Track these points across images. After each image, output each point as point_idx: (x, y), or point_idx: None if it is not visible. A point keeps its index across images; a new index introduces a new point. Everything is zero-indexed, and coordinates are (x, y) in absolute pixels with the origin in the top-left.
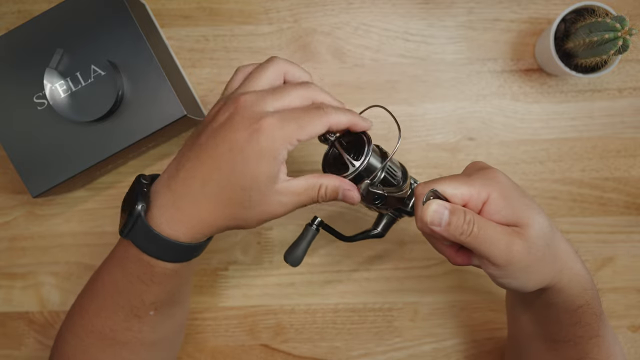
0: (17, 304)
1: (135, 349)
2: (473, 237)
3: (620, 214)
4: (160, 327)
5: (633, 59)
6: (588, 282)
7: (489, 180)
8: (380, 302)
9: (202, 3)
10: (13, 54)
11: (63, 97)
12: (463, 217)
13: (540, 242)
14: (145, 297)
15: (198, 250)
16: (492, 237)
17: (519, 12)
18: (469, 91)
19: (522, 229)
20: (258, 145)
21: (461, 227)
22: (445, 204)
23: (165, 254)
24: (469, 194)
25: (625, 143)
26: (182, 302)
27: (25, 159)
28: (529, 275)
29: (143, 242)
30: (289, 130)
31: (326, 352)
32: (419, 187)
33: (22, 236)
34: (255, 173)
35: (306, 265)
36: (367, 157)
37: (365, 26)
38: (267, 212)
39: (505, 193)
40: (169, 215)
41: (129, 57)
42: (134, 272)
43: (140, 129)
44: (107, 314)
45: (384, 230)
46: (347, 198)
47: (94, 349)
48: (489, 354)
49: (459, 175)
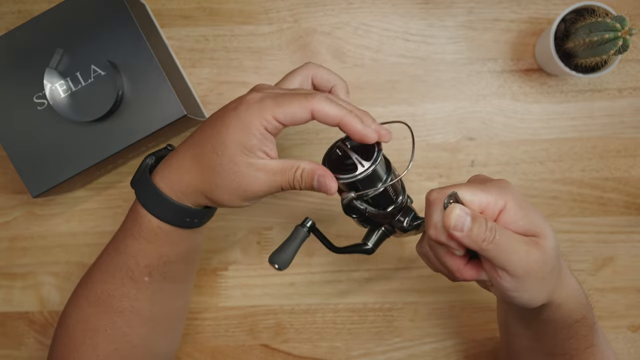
0: (17, 304)
1: (131, 320)
2: (494, 244)
3: (620, 214)
4: (157, 301)
5: (633, 59)
6: (582, 297)
7: (504, 189)
8: (380, 302)
9: (202, 3)
10: (13, 54)
11: (63, 97)
12: (485, 223)
13: (553, 254)
14: (138, 257)
15: (185, 216)
16: (513, 246)
17: (519, 12)
18: (469, 91)
19: (539, 239)
20: (236, 115)
21: (484, 234)
22: (467, 210)
23: (153, 206)
24: (487, 201)
25: (625, 143)
26: (179, 283)
27: (25, 159)
28: (540, 288)
29: (141, 192)
30: (265, 105)
31: (326, 352)
32: (433, 193)
33: (22, 236)
34: (226, 139)
35: (306, 265)
36: (375, 162)
37: (365, 26)
38: (241, 184)
39: (520, 203)
40: (164, 171)
41: (129, 57)
42: (129, 227)
43: (140, 129)
44: (106, 278)
45: (374, 246)
46: (321, 185)
47: (93, 317)
48: (489, 354)
49: (474, 182)
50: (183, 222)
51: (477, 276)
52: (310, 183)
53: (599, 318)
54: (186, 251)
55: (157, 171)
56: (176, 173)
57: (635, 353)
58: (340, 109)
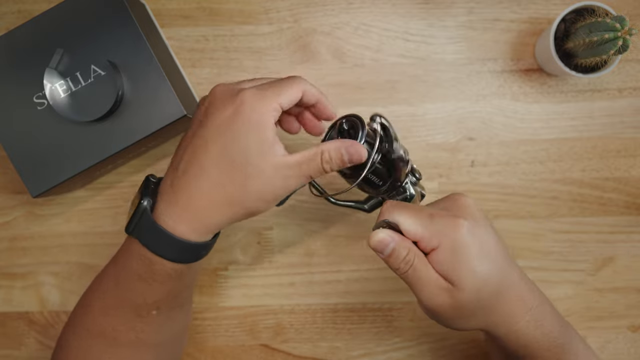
0: (17, 304)
1: (138, 351)
2: (406, 277)
3: (621, 214)
4: (164, 329)
5: (633, 59)
6: (532, 340)
7: (448, 229)
8: (380, 302)
9: (202, 3)
10: (13, 54)
11: (63, 97)
12: (404, 255)
13: (470, 304)
14: (147, 296)
15: (202, 250)
16: (422, 284)
17: (519, 12)
18: (469, 91)
19: (455, 289)
20: (243, 117)
21: (398, 264)
22: (394, 237)
23: (168, 251)
24: (421, 236)
25: (625, 143)
26: (185, 304)
27: (25, 159)
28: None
29: (148, 238)
30: (268, 96)
31: (326, 352)
32: (385, 206)
33: (22, 236)
34: (246, 145)
35: (306, 265)
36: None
37: (365, 26)
38: (270, 188)
39: (455, 248)
40: (173, 211)
41: (129, 57)
42: (136, 270)
43: (140, 129)
44: (111, 313)
45: (371, 208)
46: (352, 155)
47: (96, 350)
48: (489, 354)
49: (424, 211)
50: (200, 256)
51: None
52: (340, 159)
53: (599, 318)
54: (194, 278)
55: (163, 213)
56: (196, 211)
57: (635, 353)
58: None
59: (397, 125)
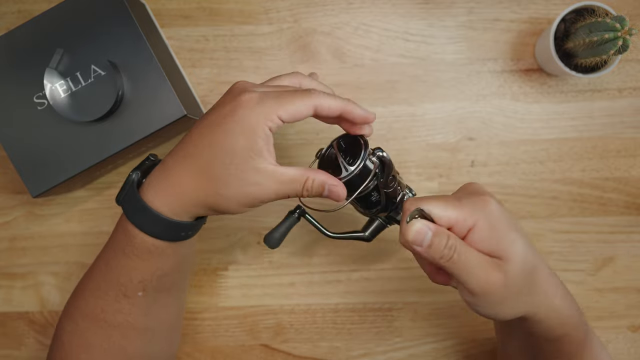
0: (17, 304)
1: (127, 333)
2: (452, 263)
3: (621, 214)
4: (152, 313)
5: (633, 59)
6: (567, 316)
7: (479, 207)
8: (380, 302)
9: (202, 3)
10: (13, 54)
11: (63, 97)
12: (445, 241)
13: (519, 277)
14: (132, 274)
15: (180, 230)
16: (471, 266)
17: (519, 12)
18: (469, 91)
19: (503, 262)
20: (236, 118)
21: (441, 251)
22: (430, 225)
23: (145, 224)
24: (456, 218)
25: (625, 143)
26: (173, 290)
27: (25, 159)
28: (503, 307)
29: (130, 210)
30: (268, 105)
31: (326, 352)
32: (407, 202)
33: (22, 236)
34: (234, 147)
35: (306, 265)
36: (363, 160)
37: (365, 26)
38: (250, 193)
39: (492, 223)
40: (156, 187)
41: (129, 57)
42: (120, 244)
43: (140, 129)
44: (99, 294)
45: (371, 235)
46: (332, 194)
47: (87, 332)
48: (489, 354)
49: (449, 196)
50: (179, 236)
51: (447, 282)
52: (320, 192)
53: (599, 318)
54: (180, 261)
55: (147, 187)
56: (175, 189)
57: (635, 353)
58: (340, 100)
59: (397, 125)
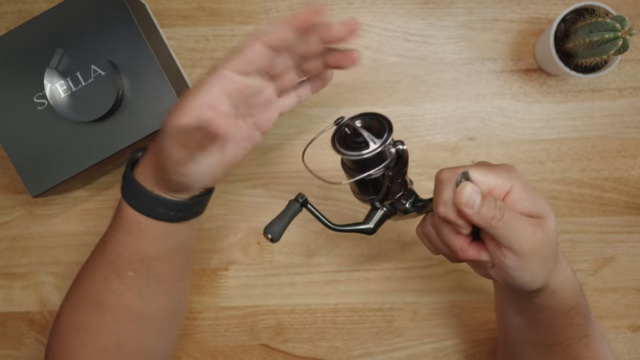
0: (17, 304)
1: (119, 316)
2: (503, 222)
3: (620, 214)
4: (144, 298)
5: (633, 59)
6: (576, 284)
7: (511, 172)
8: (380, 302)
9: (202, 3)
10: (13, 54)
11: (63, 97)
12: (494, 202)
13: (554, 235)
14: (120, 249)
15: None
16: (519, 224)
17: (519, 12)
18: (469, 91)
19: (542, 220)
20: (199, 81)
21: (493, 211)
22: (477, 188)
23: (130, 195)
24: (495, 183)
25: (625, 143)
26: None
27: (25, 159)
28: (541, 268)
29: (123, 183)
30: (219, 64)
31: (326, 352)
32: (444, 172)
33: (22, 236)
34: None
35: (306, 265)
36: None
37: (365, 26)
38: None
39: (525, 185)
40: (142, 161)
41: (129, 57)
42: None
43: (140, 129)
44: (93, 272)
45: (375, 226)
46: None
47: (81, 313)
48: (489, 354)
49: (481, 163)
50: (155, 212)
51: (479, 256)
52: None
53: (599, 318)
54: (167, 249)
55: (139, 168)
56: (148, 159)
57: (635, 353)
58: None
59: (397, 125)
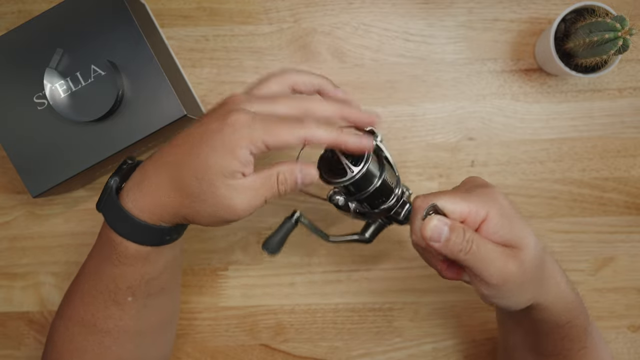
0: (17, 304)
1: (119, 338)
2: (471, 255)
3: (620, 214)
4: (143, 317)
5: (633, 59)
6: (572, 302)
7: (488, 198)
8: (380, 302)
9: (202, 3)
10: (13, 54)
11: (63, 97)
12: (462, 234)
13: (533, 264)
14: (119, 280)
15: (164, 235)
16: (489, 256)
17: (519, 12)
18: (469, 91)
19: (518, 250)
20: (222, 137)
21: (460, 244)
22: (446, 220)
23: (128, 231)
24: (468, 211)
25: (625, 143)
26: (164, 294)
27: (25, 159)
28: (519, 295)
29: (111, 217)
30: (255, 130)
31: (326, 352)
32: (417, 200)
33: (22, 236)
34: (210, 163)
35: (306, 265)
36: (366, 163)
37: (365, 26)
38: (223, 208)
39: (503, 213)
40: (136, 192)
41: (129, 57)
42: (105, 252)
43: (140, 129)
44: (88, 300)
45: (371, 237)
46: (306, 177)
47: (79, 337)
48: (489, 354)
49: (458, 190)
50: (162, 240)
51: (459, 277)
52: (294, 181)
53: (599, 318)
54: (168, 263)
55: (127, 193)
56: (152, 196)
57: (635, 353)
58: (330, 132)
59: (397, 125)
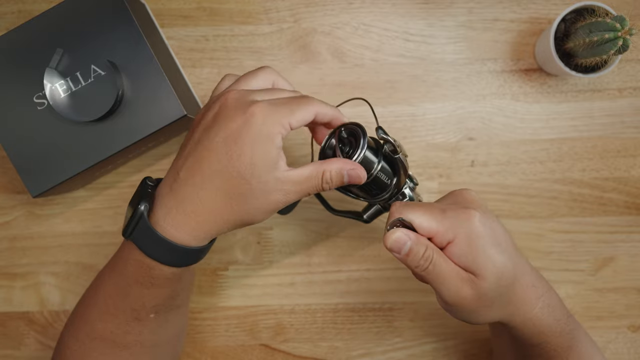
0: (17, 304)
1: (136, 352)
2: (427, 273)
3: (620, 214)
4: (161, 331)
5: (633, 59)
6: (547, 325)
7: (462, 221)
8: (380, 302)
9: (202, 3)
10: (13, 54)
11: (63, 97)
12: (422, 252)
13: (491, 293)
14: (146, 300)
15: (200, 254)
16: (445, 279)
17: (519, 12)
18: (469, 91)
19: (476, 279)
20: (252, 130)
21: (417, 261)
22: (410, 235)
23: (167, 257)
24: (436, 230)
25: (625, 143)
26: (182, 306)
27: (25, 159)
28: (474, 316)
29: (146, 244)
30: (281, 113)
31: (326, 352)
32: (393, 207)
33: (22, 236)
34: (253, 159)
35: (306, 265)
36: (362, 150)
37: (365, 26)
38: (272, 202)
39: (471, 239)
40: (173, 218)
41: (129, 57)
42: (133, 275)
43: (140, 129)
44: (109, 318)
45: (369, 218)
46: (352, 178)
47: (95, 353)
48: (489, 354)
49: (435, 206)
50: (198, 259)
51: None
52: (340, 180)
53: (599, 318)
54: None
55: (160, 217)
56: (196, 217)
57: (635, 353)
58: (331, 108)
59: (397, 125)
